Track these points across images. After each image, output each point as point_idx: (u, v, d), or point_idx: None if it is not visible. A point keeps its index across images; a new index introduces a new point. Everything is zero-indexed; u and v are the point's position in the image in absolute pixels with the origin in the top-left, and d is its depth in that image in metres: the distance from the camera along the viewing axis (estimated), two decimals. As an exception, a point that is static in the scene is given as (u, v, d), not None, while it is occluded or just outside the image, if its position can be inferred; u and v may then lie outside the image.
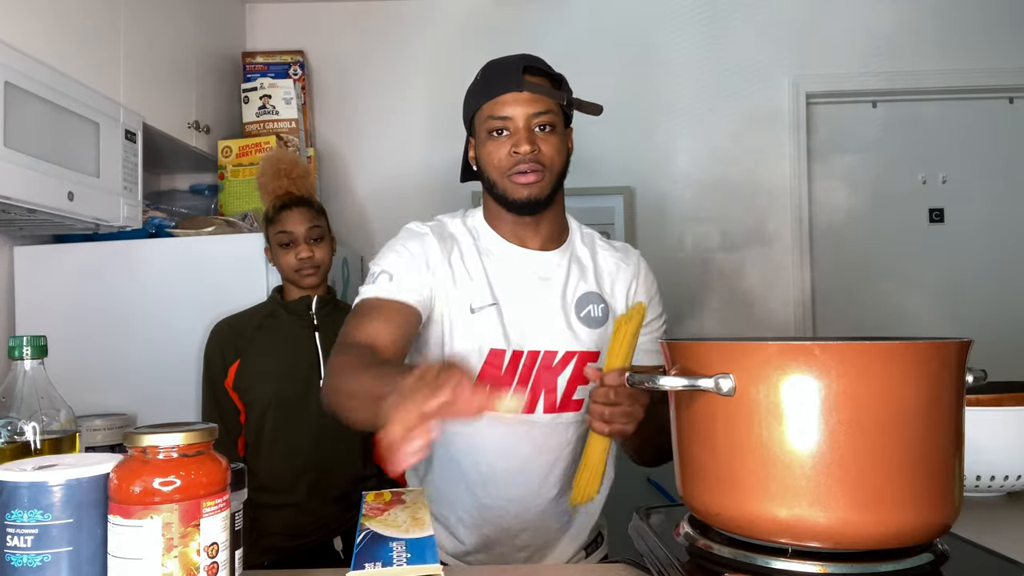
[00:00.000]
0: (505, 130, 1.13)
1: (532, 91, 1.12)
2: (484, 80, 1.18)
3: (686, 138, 2.71)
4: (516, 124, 1.12)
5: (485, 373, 1.14)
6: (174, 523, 0.60)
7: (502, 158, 1.13)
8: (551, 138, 1.14)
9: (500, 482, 1.16)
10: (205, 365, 1.72)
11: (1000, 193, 2.75)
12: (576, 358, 1.17)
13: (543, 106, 1.13)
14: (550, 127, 1.14)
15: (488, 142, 1.15)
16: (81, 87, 1.69)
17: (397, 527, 0.71)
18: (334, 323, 1.75)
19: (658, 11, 2.74)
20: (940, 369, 0.69)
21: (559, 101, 1.15)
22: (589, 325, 1.19)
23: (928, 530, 0.69)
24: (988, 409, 1.06)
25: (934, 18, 2.70)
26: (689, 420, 0.77)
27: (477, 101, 1.17)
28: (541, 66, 1.17)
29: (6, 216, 1.64)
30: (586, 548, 1.25)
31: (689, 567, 0.73)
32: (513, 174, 1.12)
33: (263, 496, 1.62)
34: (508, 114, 1.12)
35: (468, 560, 1.20)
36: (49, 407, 0.80)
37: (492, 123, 1.14)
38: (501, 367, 1.14)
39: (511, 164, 1.12)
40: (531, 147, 1.11)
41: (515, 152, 1.12)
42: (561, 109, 1.17)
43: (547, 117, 1.13)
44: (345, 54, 2.76)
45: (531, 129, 1.13)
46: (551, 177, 1.14)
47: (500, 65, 1.17)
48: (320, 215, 1.76)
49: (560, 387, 1.16)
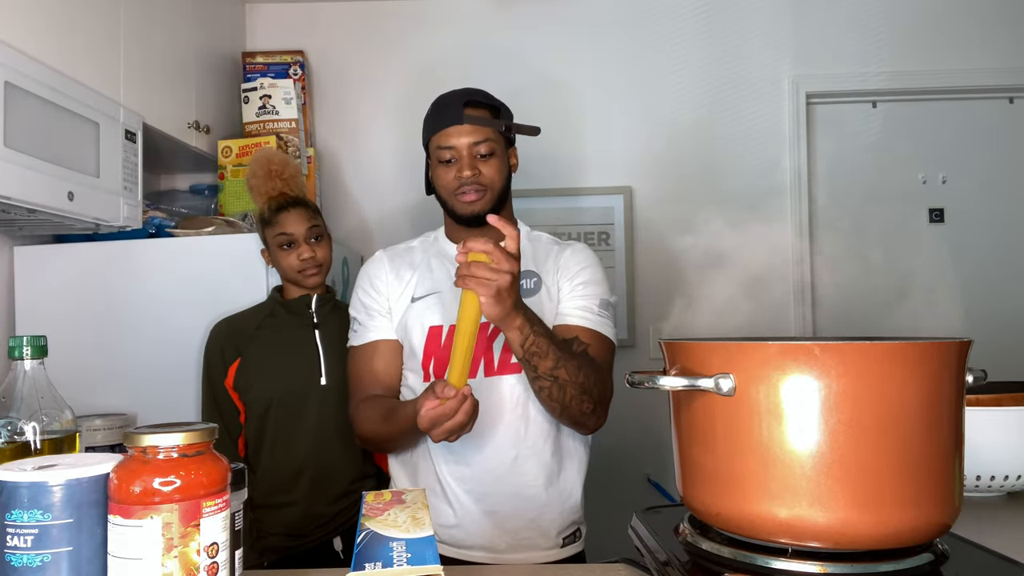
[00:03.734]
0: (453, 158, 1.31)
1: (472, 123, 1.30)
2: (433, 114, 1.36)
3: (686, 138, 2.70)
4: (460, 152, 1.31)
5: (428, 348, 1.32)
6: (174, 523, 0.60)
7: (449, 181, 1.32)
8: (491, 161, 1.32)
9: (457, 448, 1.27)
10: (205, 365, 1.72)
11: (1000, 193, 2.75)
12: None
13: (482, 135, 1.31)
14: (489, 153, 1.32)
15: (438, 167, 1.33)
16: (81, 87, 1.69)
17: (397, 527, 0.71)
18: (334, 322, 1.75)
19: (658, 11, 2.74)
20: (940, 369, 0.69)
21: (498, 129, 1.33)
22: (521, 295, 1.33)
23: (928, 530, 0.69)
24: (988, 409, 1.06)
25: (934, 18, 2.70)
26: (689, 420, 0.77)
27: (428, 132, 1.36)
28: (481, 99, 1.35)
29: (6, 216, 1.64)
30: (563, 538, 1.32)
31: (689, 567, 0.73)
32: (459, 194, 1.31)
33: (263, 496, 1.63)
34: (452, 144, 1.31)
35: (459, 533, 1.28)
36: (49, 407, 0.80)
37: (440, 152, 1.32)
38: (440, 340, 1.32)
39: (457, 186, 1.31)
40: (472, 172, 1.29)
41: (459, 176, 1.30)
42: (501, 135, 1.34)
43: (486, 146, 1.31)
44: (345, 54, 2.75)
45: (473, 156, 1.31)
46: (492, 194, 1.32)
47: (446, 101, 1.35)
48: (317, 214, 1.76)
49: (496, 352, 1.30)
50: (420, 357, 1.33)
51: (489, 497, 1.27)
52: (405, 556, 0.63)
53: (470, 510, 1.28)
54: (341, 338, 1.74)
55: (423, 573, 0.60)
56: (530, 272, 1.38)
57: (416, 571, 0.60)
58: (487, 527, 1.27)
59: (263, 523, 1.62)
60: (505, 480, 1.27)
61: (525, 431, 1.28)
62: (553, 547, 1.30)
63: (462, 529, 1.28)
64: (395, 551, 0.64)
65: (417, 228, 1.63)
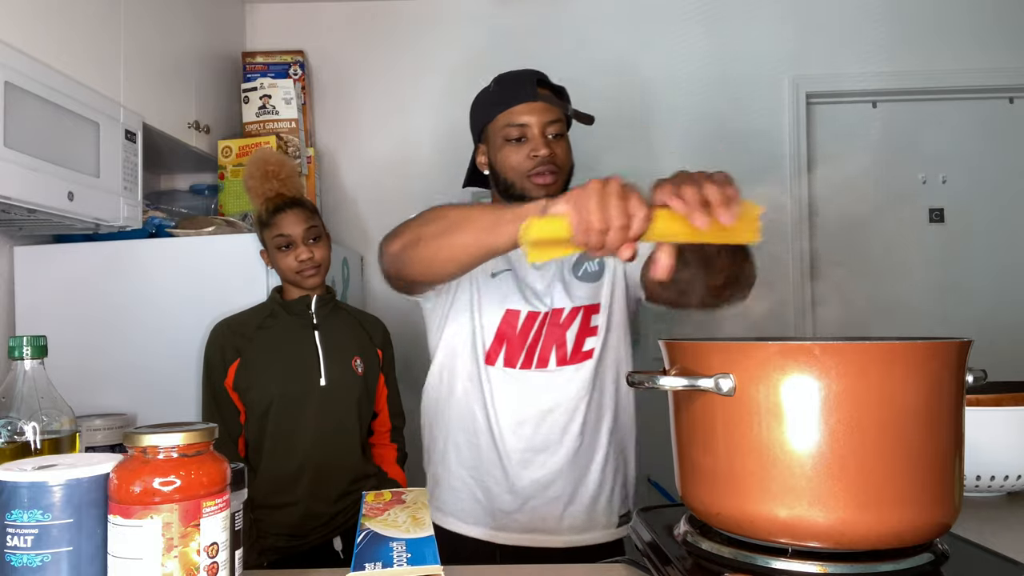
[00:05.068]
0: (523, 137, 1.24)
1: (545, 101, 1.24)
2: (499, 92, 1.28)
3: (686, 138, 2.71)
4: (532, 131, 1.23)
5: (502, 331, 1.27)
6: (174, 523, 0.60)
7: (521, 160, 1.24)
8: (562, 143, 1.27)
9: (523, 434, 1.26)
10: (205, 365, 1.72)
11: (1000, 193, 2.75)
12: (581, 312, 1.28)
13: (555, 114, 1.24)
14: (560, 134, 1.26)
15: (506, 148, 1.25)
16: (81, 87, 1.69)
17: (397, 527, 0.71)
18: (334, 322, 1.75)
19: (658, 11, 2.74)
20: (940, 369, 0.69)
21: (564, 111, 1.26)
22: (585, 280, 1.31)
23: (928, 530, 0.69)
24: (988, 409, 1.06)
25: (934, 18, 2.70)
26: (689, 420, 0.77)
27: (492, 111, 1.27)
28: (547, 80, 1.28)
29: (6, 216, 1.64)
30: (620, 517, 1.33)
31: (689, 567, 0.73)
32: (533, 175, 1.23)
33: (263, 496, 1.63)
34: (525, 121, 1.23)
35: (514, 519, 1.27)
36: (49, 407, 0.80)
37: (510, 131, 1.24)
38: (516, 326, 1.27)
39: (531, 167, 1.23)
40: (548, 151, 1.22)
41: (534, 155, 1.23)
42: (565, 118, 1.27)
43: (558, 126, 1.25)
44: (345, 54, 2.76)
45: (545, 135, 1.24)
46: (563, 177, 1.26)
47: (514, 78, 1.28)
48: (315, 214, 1.76)
49: (570, 341, 1.27)
50: (488, 341, 1.28)
51: (557, 483, 1.26)
52: (405, 556, 0.63)
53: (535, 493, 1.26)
54: (341, 338, 1.75)
55: (423, 573, 0.60)
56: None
57: (416, 571, 0.60)
58: (553, 511, 1.27)
59: (263, 523, 1.62)
60: (575, 464, 1.27)
61: (596, 419, 1.28)
62: (610, 526, 1.31)
63: (523, 513, 1.27)
64: (395, 551, 0.64)
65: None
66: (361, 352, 1.76)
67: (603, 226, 0.76)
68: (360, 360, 1.75)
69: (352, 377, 1.72)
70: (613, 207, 0.76)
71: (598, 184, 0.78)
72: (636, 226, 0.77)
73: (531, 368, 1.27)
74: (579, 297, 1.29)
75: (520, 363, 1.27)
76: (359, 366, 1.74)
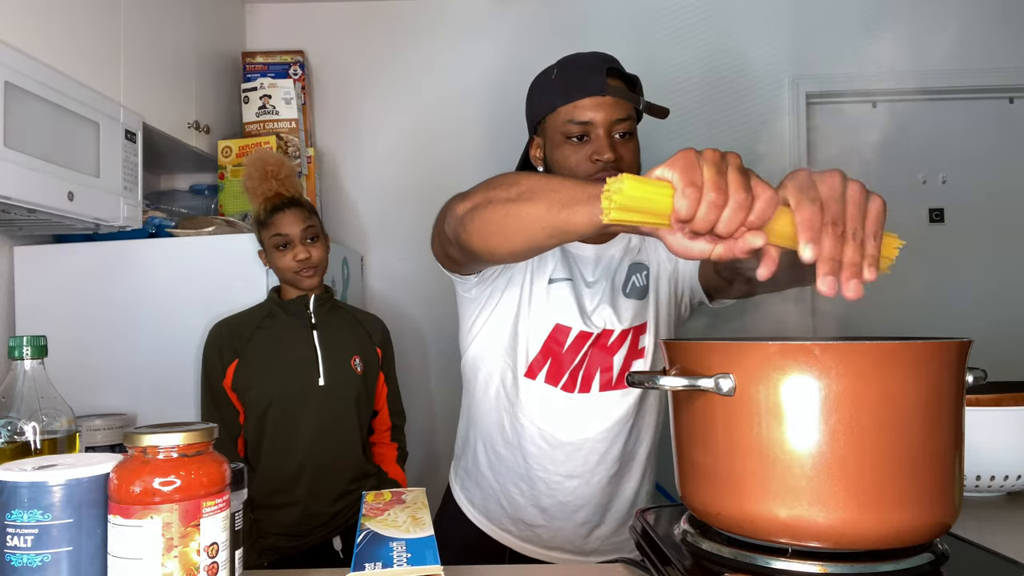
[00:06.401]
0: (586, 135, 1.09)
1: (615, 96, 1.08)
2: (563, 80, 1.11)
3: (686, 137, 2.70)
4: (597, 131, 1.08)
5: (548, 346, 1.15)
6: (174, 523, 0.60)
7: (580, 162, 1.09)
8: (630, 144, 1.11)
9: (558, 458, 1.17)
10: (203, 366, 1.72)
11: (1000, 193, 2.75)
12: (630, 335, 1.18)
13: (624, 112, 1.09)
14: (629, 134, 1.11)
15: (565, 146, 1.10)
16: (81, 87, 1.69)
17: (397, 527, 0.71)
18: (332, 322, 1.75)
19: (658, 10, 2.74)
20: (940, 369, 0.69)
21: (636, 105, 1.11)
22: (633, 296, 1.20)
23: (928, 530, 0.69)
24: (988, 409, 1.06)
25: (934, 18, 2.70)
26: (689, 420, 0.77)
27: (553, 102, 1.11)
28: (619, 67, 1.12)
29: (6, 216, 1.64)
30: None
31: (689, 567, 0.73)
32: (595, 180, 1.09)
33: (263, 496, 1.63)
34: (589, 119, 1.08)
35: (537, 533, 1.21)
36: (49, 407, 0.80)
37: (571, 128, 1.09)
38: (564, 344, 1.15)
39: (592, 171, 1.08)
40: (614, 155, 1.07)
41: (596, 159, 1.08)
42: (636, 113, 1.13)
43: (627, 124, 1.10)
44: (345, 54, 2.75)
45: (612, 135, 1.09)
46: None
47: (581, 64, 1.10)
48: (313, 214, 1.76)
49: (616, 365, 1.16)
50: (532, 354, 1.16)
51: (586, 508, 1.20)
52: (405, 556, 0.63)
53: (561, 515, 1.20)
54: (339, 338, 1.75)
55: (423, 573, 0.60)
56: (639, 266, 1.19)
57: (416, 571, 0.60)
58: (579, 532, 1.21)
59: (263, 523, 1.62)
60: (606, 492, 1.20)
61: (635, 444, 1.21)
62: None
63: (547, 530, 1.21)
64: (395, 551, 0.64)
65: (418, 228, 1.62)
66: (360, 351, 1.76)
67: (720, 199, 0.61)
68: (359, 359, 1.75)
69: (351, 376, 1.72)
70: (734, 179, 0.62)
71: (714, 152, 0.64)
72: (760, 208, 0.62)
73: (574, 392, 1.16)
74: (627, 318, 1.18)
75: (562, 384, 1.16)
76: (358, 365, 1.74)
